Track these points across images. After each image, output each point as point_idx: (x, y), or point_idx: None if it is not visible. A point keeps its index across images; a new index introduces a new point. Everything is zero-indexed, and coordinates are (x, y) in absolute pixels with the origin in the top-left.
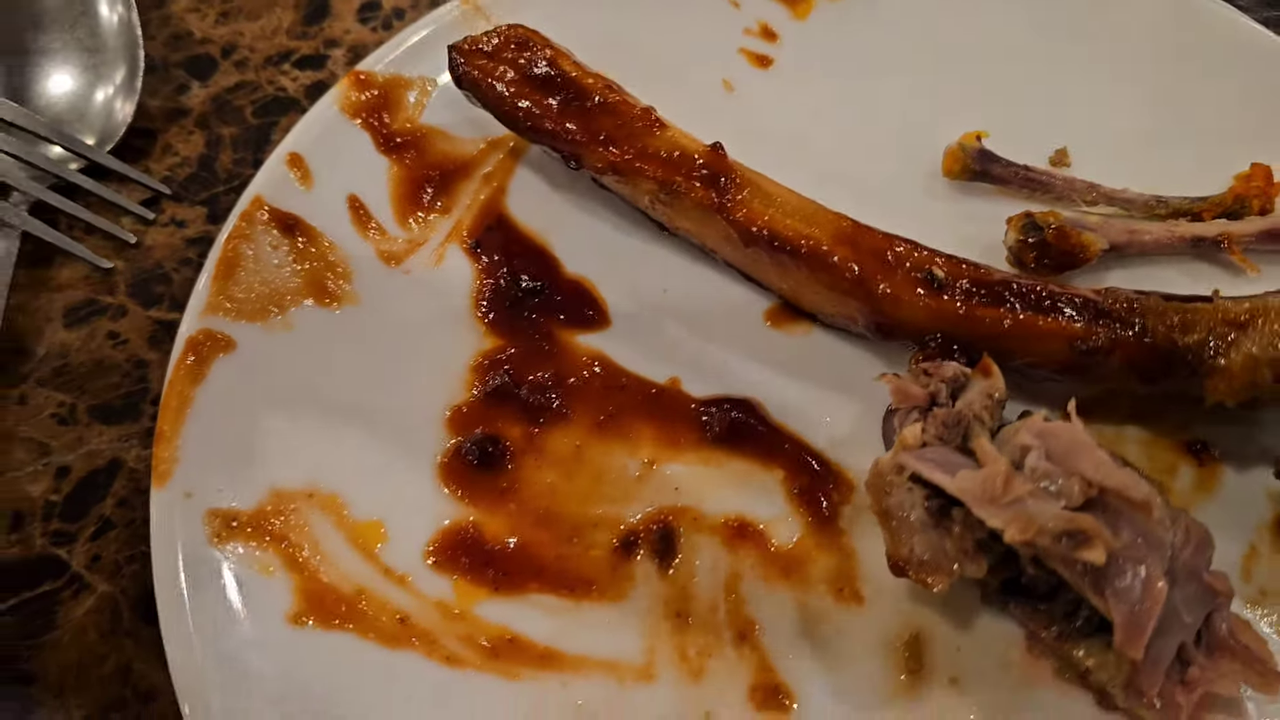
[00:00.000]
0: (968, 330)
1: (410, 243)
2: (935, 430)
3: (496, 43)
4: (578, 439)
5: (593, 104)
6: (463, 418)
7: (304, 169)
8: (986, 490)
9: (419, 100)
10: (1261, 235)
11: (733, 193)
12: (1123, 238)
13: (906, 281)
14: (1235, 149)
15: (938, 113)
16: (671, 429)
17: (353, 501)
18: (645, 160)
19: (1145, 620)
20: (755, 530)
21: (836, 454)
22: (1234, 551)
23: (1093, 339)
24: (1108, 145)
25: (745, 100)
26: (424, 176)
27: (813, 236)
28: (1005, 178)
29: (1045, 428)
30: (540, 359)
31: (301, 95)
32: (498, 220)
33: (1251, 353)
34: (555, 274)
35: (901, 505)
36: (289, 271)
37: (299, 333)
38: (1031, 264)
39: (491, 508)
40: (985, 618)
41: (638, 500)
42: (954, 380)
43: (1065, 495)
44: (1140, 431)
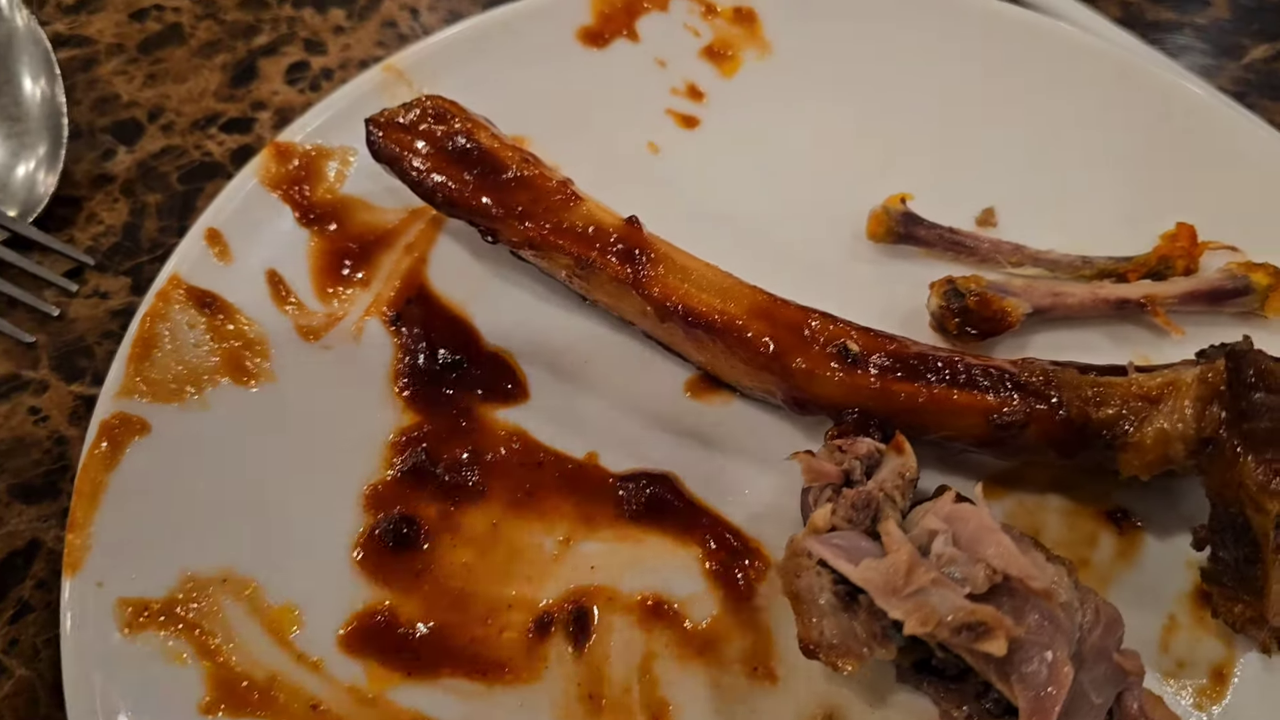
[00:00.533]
0: (883, 405)
1: (329, 317)
2: (845, 512)
3: (414, 115)
4: (494, 517)
5: (509, 177)
6: (379, 497)
7: (222, 244)
8: (888, 581)
9: (340, 170)
10: (1185, 297)
11: (647, 268)
12: (1046, 301)
13: (821, 356)
14: (1162, 207)
15: (863, 174)
16: (589, 506)
17: (267, 586)
18: (560, 235)
19: (1051, 706)
20: (670, 609)
21: (755, 529)
22: (1153, 623)
23: (1008, 413)
24: (1035, 204)
25: (671, 162)
26: (344, 248)
27: (728, 311)
28: (930, 240)
29: (953, 511)
30: (458, 435)
31: (228, 160)
32: (418, 292)
33: (1163, 428)
34: (475, 347)
35: (811, 589)
36: (206, 350)
37: (215, 413)
38: (954, 330)
39: (406, 590)
40: (900, 696)
41: (553, 579)
42: (868, 457)
43: (970, 581)
44: (1061, 500)
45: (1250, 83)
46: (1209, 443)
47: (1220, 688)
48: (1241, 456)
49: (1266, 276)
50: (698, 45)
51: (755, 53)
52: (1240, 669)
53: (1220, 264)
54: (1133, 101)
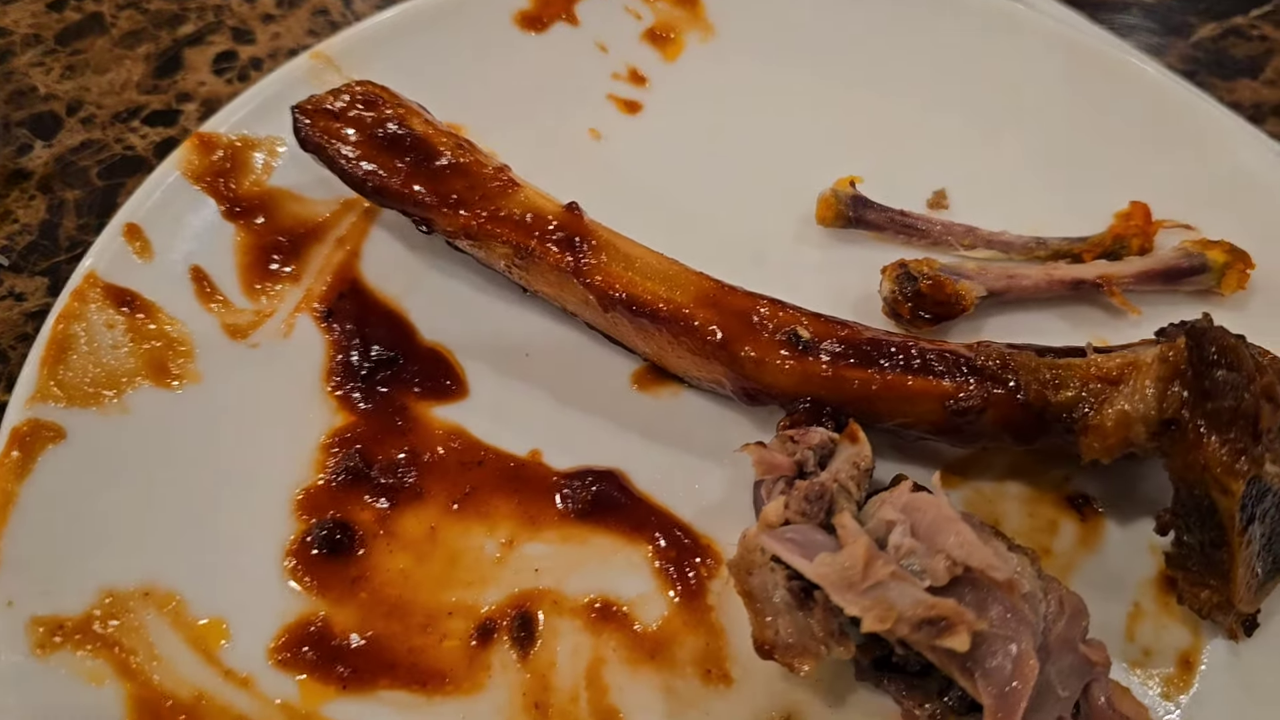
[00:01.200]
0: (836, 393)
1: (258, 314)
2: (798, 505)
3: (343, 102)
4: (433, 520)
5: (443, 164)
6: (312, 502)
7: (143, 240)
8: (844, 576)
9: (267, 161)
10: (1140, 276)
11: (589, 255)
12: (1001, 284)
13: (771, 344)
14: (1115, 187)
15: (811, 157)
16: (532, 505)
17: (192, 599)
18: (498, 223)
19: (1016, 702)
20: (619, 611)
21: (705, 525)
22: (1118, 611)
23: (965, 398)
24: (987, 185)
25: (613, 148)
26: (273, 242)
27: (673, 300)
28: (880, 224)
29: (910, 501)
30: (394, 435)
31: (151, 154)
32: (351, 286)
33: (1124, 409)
34: (411, 342)
35: (764, 586)
36: (125, 352)
37: (136, 417)
38: (907, 315)
39: (341, 599)
40: (860, 694)
41: (495, 584)
42: (821, 447)
43: (930, 574)
44: (1021, 487)
45: (1199, 60)
46: (1171, 424)
47: (1188, 676)
48: (1205, 437)
49: (1222, 254)
50: (639, 28)
51: (698, 35)
52: (1207, 656)
53: (1175, 243)
54: (1083, 80)
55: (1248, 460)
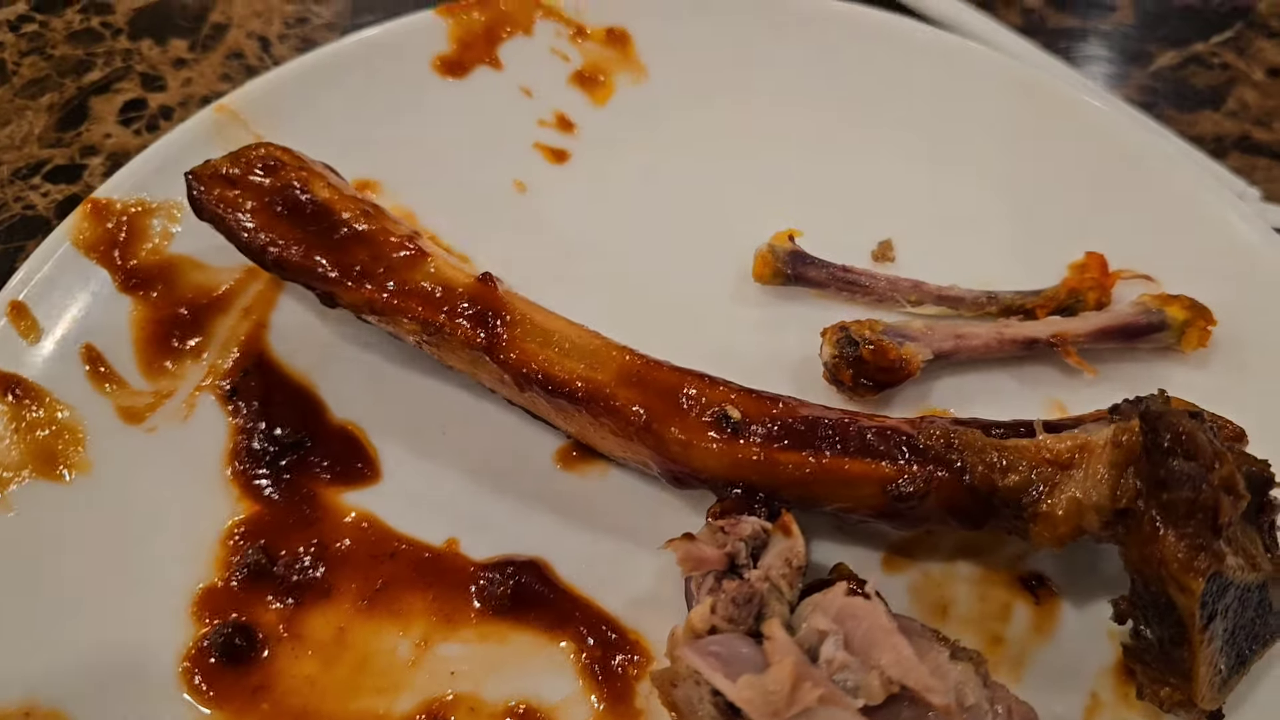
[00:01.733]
0: (768, 477)
1: (156, 395)
2: (725, 610)
3: (240, 167)
4: (341, 620)
5: (347, 233)
6: (211, 602)
7: (29, 319)
8: (769, 702)
9: (166, 226)
10: (1097, 334)
11: (503, 331)
12: (949, 345)
13: (699, 425)
14: (1070, 236)
15: (749, 209)
16: (448, 601)
17: (78, 716)
18: (404, 297)
19: None
20: (541, 717)
21: (634, 618)
22: (1075, 704)
23: (906, 482)
24: (935, 236)
25: (539, 201)
26: (173, 315)
27: (594, 378)
28: (821, 281)
29: (844, 608)
30: (301, 526)
31: (53, 214)
32: (257, 361)
33: (1075, 497)
34: (320, 421)
35: (689, 700)
36: (8, 442)
37: (19, 514)
38: (849, 382)
39: (240, 711)
40: None
41: (408, 689)
42: (754, 538)
43: (865, 691)
44: (971, 567)
45: (1158, 91)
46: (1126, 513)
47: None
48: (1161, 531)
49: (1182, 310)
50: (567, 71)
51: (629, 77)
52: None
53: (1134, 296)
54: (1036, 122)
55: (1207, 556)
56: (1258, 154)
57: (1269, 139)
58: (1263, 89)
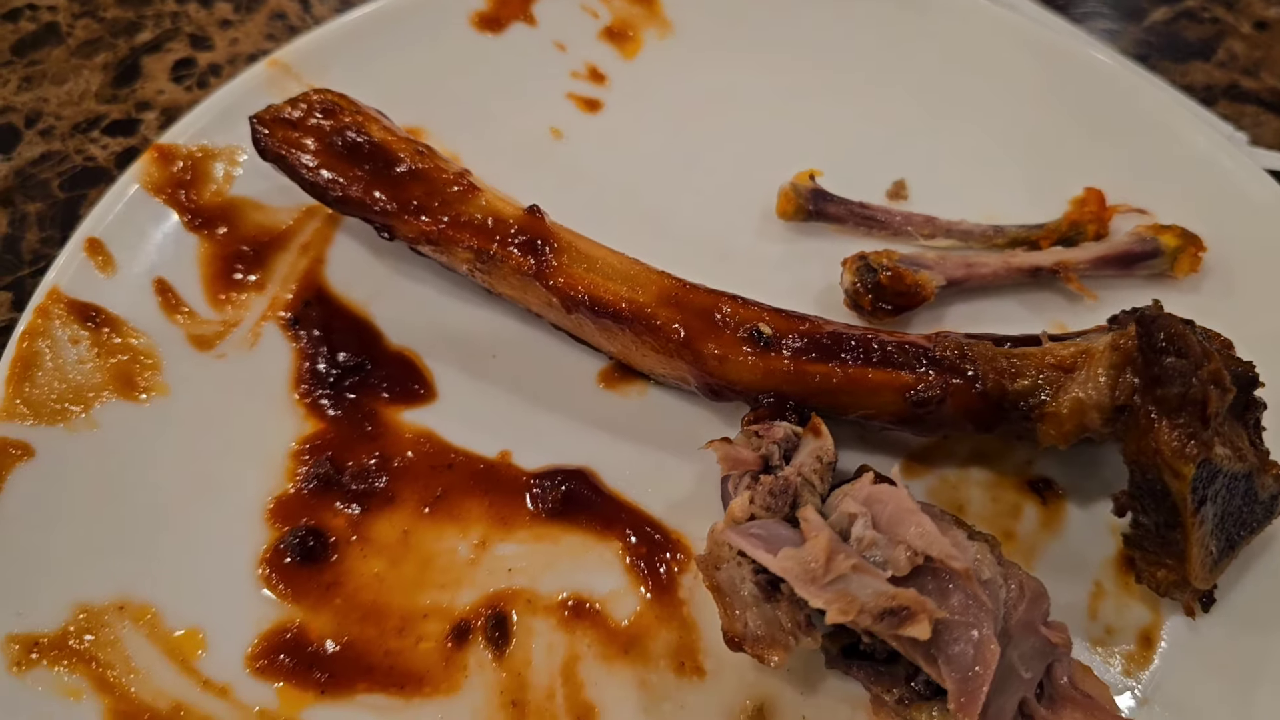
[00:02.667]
0: (798, 387)
1: (224, 324)
2: (763, 500)
3: (301, 111)
4: (405, 524)
5: (403, 171)
6: (284, 509)
7: (105, 254)
8: (807, 570)
9: (228, 170)
10: (1096, 262)
11: (551, 258)
12: (960, 273)
13: (734, 341)
14: (1070, 174)
15: (771, 152)
16: (503, 506)
17: (167, 610)
18: (458, 228)
19: (979, 686)
20: (592, 608)
21: (675, 520)
22: (1080, 591)
23: (924, 389)
24: (945, 175)
25: (574, 147)
26: (236, 252)
27: (636, 299)
28: (840, 216)
29: (872, 493)
30: (364, 441)
31: (113, 165)
32: (316, 294)
33: (1078, 397)
34: (378, 347)
35: (732, 580)
36: (91, 366)
37: (105, 431)
38: (868, 307)
39: (316, 605)
40: (830, 682)
41: (469, 585)
42: (785, 441)
43: (892, 564)
44: (984, 473)
45: (1152, 45)
46: (1124, 410)
47: (1148, 653)
48: (1155, 423)
49: (1175, 238)
50: (597, 26)
51: (656, 32)
52: (1166, 633)
53: (1130, 228)
54: (1038, 70)
55: (1197, 444)
56: (1245, 101)
57: (1256, 87)
58: (1250, 40)
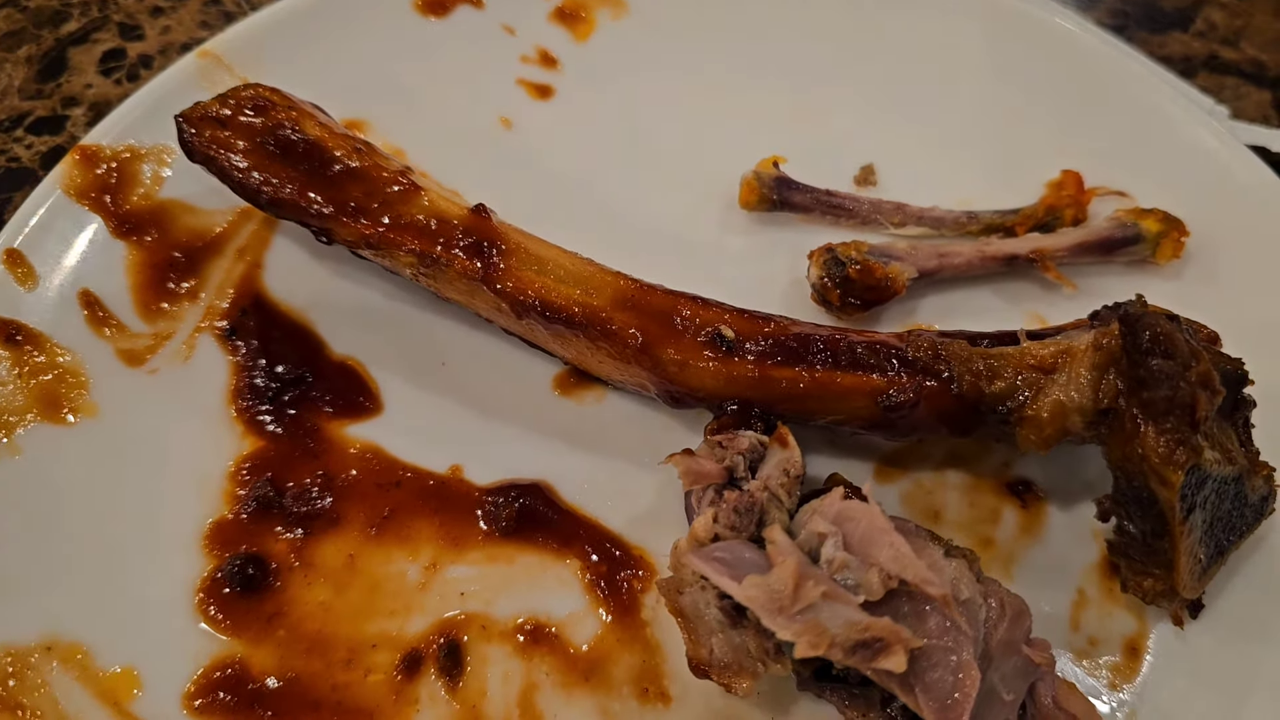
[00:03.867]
0: (763, 393)
1: (155, 337)
2: (727, 519)
3: (230, 108)
4: (350, 547)
5: (340, 170)
6: (222, 535)
7: (25, 266)
8: (774, 599)
9: (156, 171)
10: (1074, 249)
11: (499, 260)
12: (932, 263)
13: (694, 345)
14: (1046, 155)
15: (732, 138)
16: (454, 525)
17: (99, 649)
18: (400, 231)
19: (959, 713)
20: (550, 632)
21: (637, 535)
22: (1062, 600)
23: (897, 393)
24: (915, 159)
25: (525, 137)
26: (167, 259)
27: (590, 303)
28: (806, 206)
29: (842, 510)
30: (306, 459)
31: (38, 165)
32: (254, 301)
33: (1059, 400)
34: (320, 358)
35: (696, 605)
36: (12, 388)
37: (28, 457)
38: (837, 302)
39: (257, 638)
40: (803, 705)
41: (420, 611)
42: (751, 451)
43: (865, 588)
44: (961, 475)
45: (1128, 15)
46: (1108, 413)
47: (1134, 663)
48: (1142, 428)
49: (1156, 223)
50: (547, 7)
51: (610, 13)
52: (1153, 642)
53: (1109, 211)
54: (1009, 45)
55: (1185, 450)
56: (1225, 73)
57: (1236, 58)
58: (1230, 8)
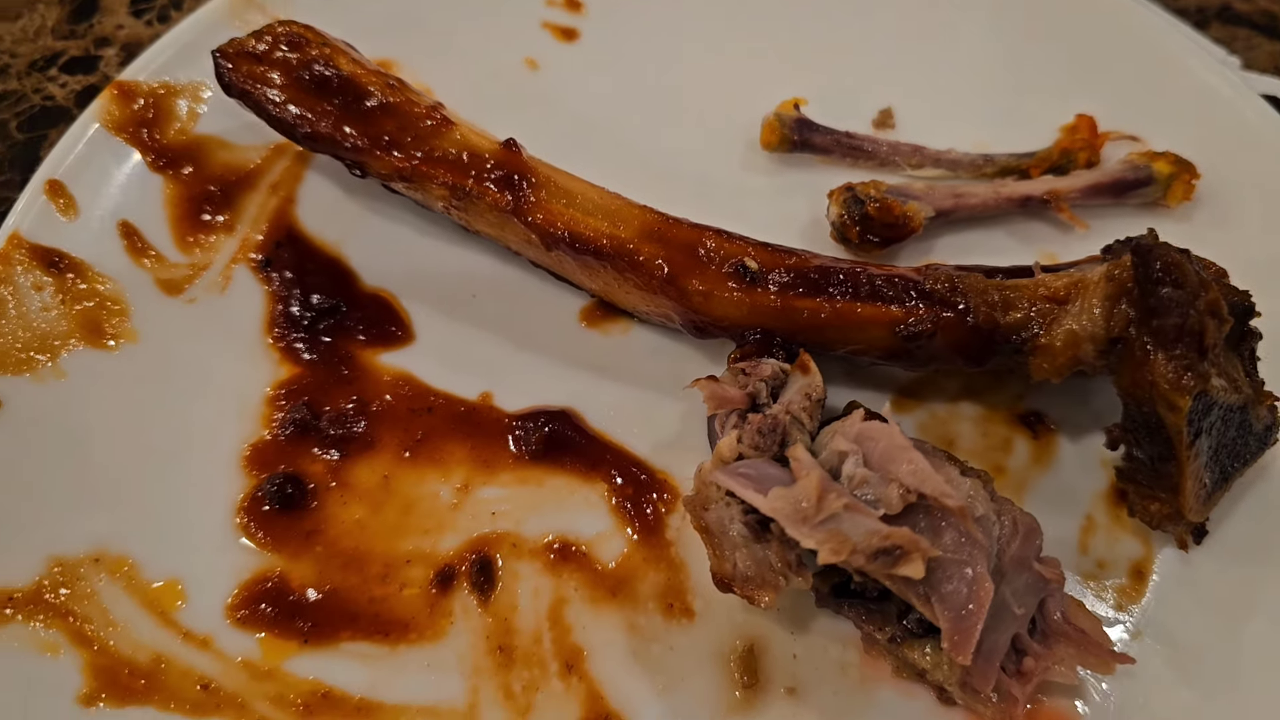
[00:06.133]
0: (785, 323)
1: (193, 268)
2: (751, 439)
3: (266, 44)
4: (385, 469)
5: (373, 105)
6: (261, 457)
7: (66, 197)
8: (798, 510)
9: (192, 107)
10: (1088, 190)
11: (529, 193)
12: (949, 203)
13: (719, 276)
14: (1060, 100)
15: (754, 81)
16: (485, 449)
17: (145, 562)
18: (433, 164)
19: (972, 624)
20: (578, 550)
21: (661, 460)
22: (1071, 525)
23: (914, 323)
24: (932, 103)
25: (551, 78)
26: (203, 192)
27: (617, 235)
28: (826, 146)
29: (862, 430)
30: (341, 385)
31: (72, 104)
32: (287, 234)
33: (1072, 329)
34: (353, 289)
35: (721, 521)
36: (57, 313)
37: (73, 381)
38: (856, 239)
39: (296, 553)
40: (821, 621)
41: (452, 530)
42: (773, 378)
43: (884, 503)
44: (974, 407)
45: None
46: (1118, 341)
47: (1140, 586)
48: (1151, 354)
49: (1168, 165)
50: None
51: None
52: (1159, 566)
53: (1122, 155)
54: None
55: (1194, 376)
56: (1238, 24)
57: (1248, 9)
58: None
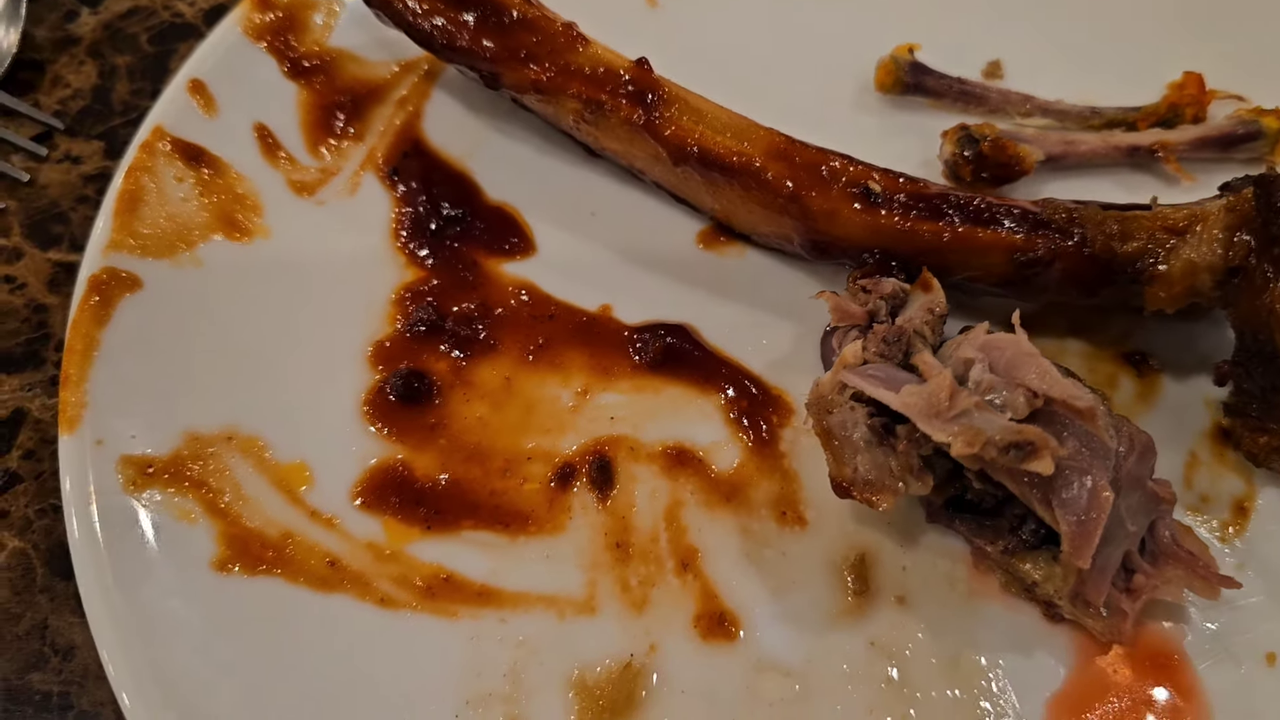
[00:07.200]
0: (906, 245)
1: (323, 172)
2: (876, 347)
3: None
4: (507, 371)
5: (511, 20)
6: (386, 352)
7: (207, 96)
8: (931, 405)
9: (326, 21)
10: (1195, 143)
11: (661, 109)
12: (1059, 149)
13: (843, 197)
14: (1168, 58)
15: (870, 25)
16: (604, 357)
17: (274, 443)
18: (568, 78)
19: (1092, 530)
20: (694, 457)
21: (774, 377)
22: (1176, 460)
23: (1032, 250)
24: (1041, 57)
25: (671, 15)
26: (334, 102)
27: (745, 153)
28: (939, 90)
29: (989, 340)
30: (465, 290)
31: (200, 21)
32: (414, 146)
33: (1190, 259)
34: (477, 201)
35: (844, 424)
36: (195, 205)
37: (209, 269)
38: (968, 177)
39: (420, 445)
40: (930, 536)
41: (572, 431)
42: (893, 296)
43: (1011, 407)
44: (1080, 344)
45: None
46: (1237, 271)
47: (1242, 520)
48: (1272, 281)
49: (1276, 120)
50: None
51: None
52: (1261, 502)
53: (1227, 113)
54: None
55: None
56: None
57: None
58: None
